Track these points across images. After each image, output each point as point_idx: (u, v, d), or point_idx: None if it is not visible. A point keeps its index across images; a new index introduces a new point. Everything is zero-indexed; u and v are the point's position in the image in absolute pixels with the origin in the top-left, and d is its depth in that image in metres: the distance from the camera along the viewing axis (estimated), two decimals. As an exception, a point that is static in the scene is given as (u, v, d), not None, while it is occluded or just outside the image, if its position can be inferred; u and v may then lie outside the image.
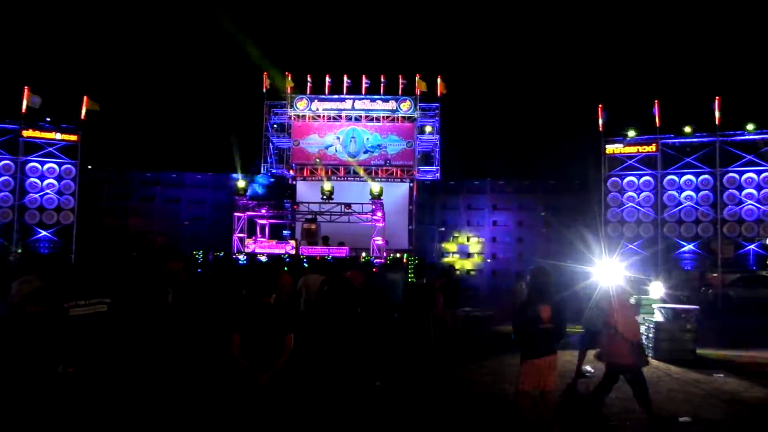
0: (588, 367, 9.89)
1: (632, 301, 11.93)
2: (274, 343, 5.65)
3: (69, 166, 26.18)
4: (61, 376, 4.48)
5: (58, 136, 26.16)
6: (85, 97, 26.50)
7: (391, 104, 32.47)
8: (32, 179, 25.64)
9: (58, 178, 25.99)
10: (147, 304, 7.50)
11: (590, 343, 10.21)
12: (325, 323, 8.91)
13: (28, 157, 25.71)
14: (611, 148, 27.04)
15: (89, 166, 28.63)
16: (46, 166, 25.91)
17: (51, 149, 26.05)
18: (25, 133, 25.60)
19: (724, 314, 20.84)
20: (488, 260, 33.21)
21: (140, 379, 7.34)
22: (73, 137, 26.36)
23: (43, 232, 25.64)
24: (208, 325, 7.64)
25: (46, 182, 25.82)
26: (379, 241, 22.82)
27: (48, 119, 25.98)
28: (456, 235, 33.54)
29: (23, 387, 4.53)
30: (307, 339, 7.93)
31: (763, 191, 24.71)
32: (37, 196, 25.64)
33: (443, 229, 33.64)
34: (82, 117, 26.45)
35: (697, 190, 25.69)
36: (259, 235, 24.10)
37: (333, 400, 7.95)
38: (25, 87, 25.44)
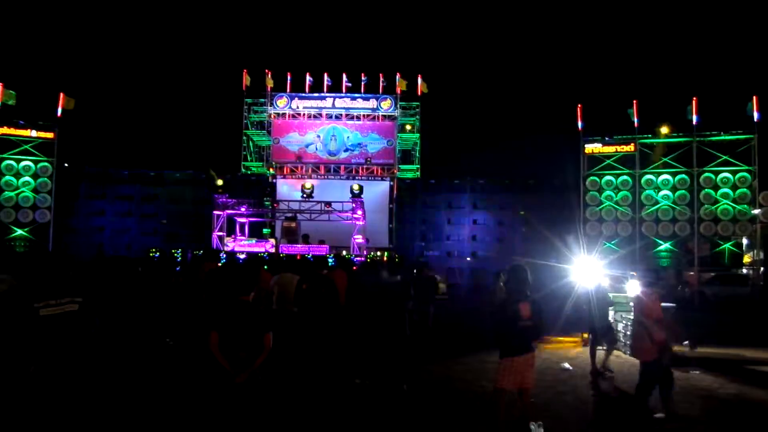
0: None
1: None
2: (252, 341, 5.62)
3: (45, 163, 25.82)
4: (33, 376, 4.41)
5: (34, 133, 25.78)
6: (61, 95, 26.16)
7: (372, 103, 32.46)
8: (8, 177, 25.25)
9: (34, 176, 25.63)
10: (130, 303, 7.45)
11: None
12: (305, 322, 8.87)
13: (4, 155, 25.30)
14: (590, 148, 27.24)
15: (66, 164, 28.27)
16: (21, 164, 25.53)
17: (27, 147, 25.67)
18: (0, 131, 25.20)
19: (700, 312, 21.10)
20: (468, 258, 33.33)
21: (115, 378, 7.27)
22: (50, 135, 26.00)
23: (19, 231, 25.26)
24: (187, 323, 7.60)
25: (21, 180, 25.44)
26: (359, 239, 22.82)
27: (21, 121, 25.57)
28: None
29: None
30: (285, 338, 7.88)
31: (738, 191, 25.03)
32: (12, 194, 25.26)
33: (423, 243, 33.75)
34: (59, 115, 26.10)
35: (674, 189, 25.97)
36: (238, 234, 23.98)
37: (313, 398, 7.93)
38: (0, 84, 25.06)
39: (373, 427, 7.20)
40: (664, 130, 26.33)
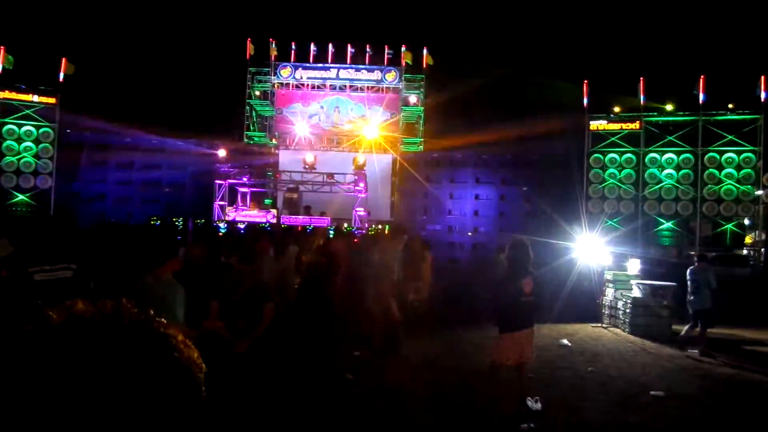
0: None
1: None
2: (252, 311, 5.62)
3: (47, 129, 25.68)
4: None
5: (36, 98, 25.61)
6: (63, 59, 25.94)
7: (376, 74, 32.18)
8: (9, 142, 25.13)
9: (36, 142, 25.50)
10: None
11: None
12: (305, 295, 8.86)
13: (5, 120, 25.16)
14: (595, 125, 27.04)
15: (68, 130, 28.12)
16: (23, 129, 25.38)
17: (28, 111, 25.52)
18: (1, 95, 25.03)
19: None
20: (469, 234, 33.32)
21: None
22: (51, 100, 25.82)
23: (20, 196, 25.22)
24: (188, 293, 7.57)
25: (23, 145, 25.32)
26: (361, 211, 22.78)
27: (23, 85, 25.41)
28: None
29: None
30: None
31: (742, 171, 24.90)
32: (13, 159, 25.16)
33: (425, 217, 33.67)
34: (61, 79, 25.91)
35: (678, 168, 25.82)
36: (240, 204, 23.93)
37: (313, 369, 7.95)
38: (1, 47, 24.83)
39: (370, 396, 7.22)
40: (670, 107, 26.12)
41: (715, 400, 7.78)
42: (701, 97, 25.34)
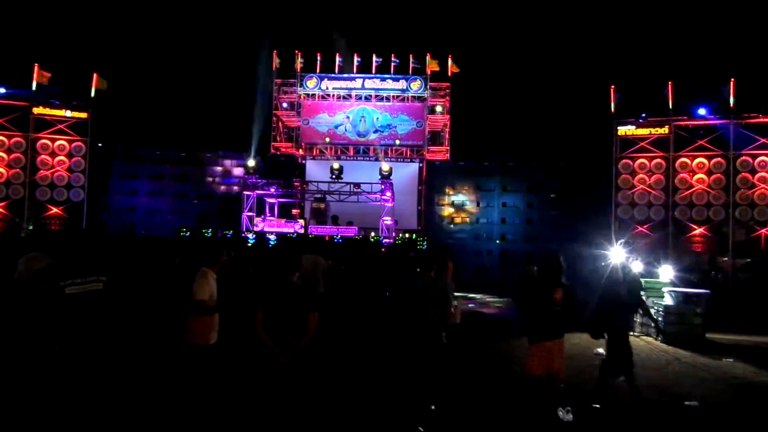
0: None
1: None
2: (297, 321, 5.64)
3: (79, 143, 26.22)
4: (58, 354, 4.47)
5: (69, 113, 26.16)
6: (94, 75, 26.50)
7: (402, 84, 32.27)
8: (43, 156, 25.71)
9: (69, 156, 26.04)
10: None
11: None
12: (340, 304, 8.91)
13: (39, 134, 25.75)
14: (623, 130, 26.76)
15: (99, 144, 28.63)
16: (56, 143, 25.95)
17: (61, 126, 26.08)
18: (36, 110, 25.62)
19: (734, 298, 20.73)
20: (497, 241, 33.13)
21: (137, 357, 7.36)
22: (84, 114, 26.36)
23: (54, 209, 25.74)
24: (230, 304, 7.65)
25: (56, 159, 25.89)
26: (388, 221, 22.79)
27: (58, 96, 25.97)
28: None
29: (27, 366, 4.55)
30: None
31: (776, 174, 24.44)
32: (48, 173, 25.72)
33: (452, 225, 33.53)
34: (93, 94, 26.45)
35: (709, 173, 25.42)
36: (268, 214, 24.11)
37: (346, 379, 7.97)
38: (35, 64, 25.45)
39: (402, 407, 7.21)
40: (701, 111, 25.74)
41: (750, 410, 7.63)
42: (732, 100, 24.96)
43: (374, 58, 32.20)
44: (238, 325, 6.90)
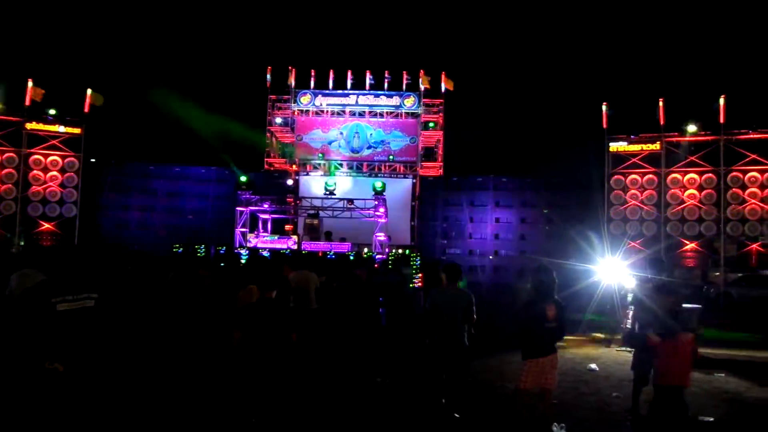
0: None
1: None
2: (276, 341, 5.61)
3: (72, 158, 26.19)
4: (49, 372, 4.45)
5: (62, 128, 26.16)
6: (88, 90, 26.53)
7: (395, 100, 32.44)
8: (36, 171, 25.66)
9: (62, 171, 26.01)
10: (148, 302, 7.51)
11: None
12: (332, 320, 8.91)
13: (32, 150, 25.71)
14: (615, 146, 26.96)
15: (92, 159, 28.59)
16: (49, 159, 25.92)
17: (54, 142, 26.06)
18: (29, 126, 25.61)
19: (726, 313, 20.79)
20: (490, 257, 33.17)
21: (136, 375, 7.33)
22: (77, 130, 26.36)
23: (46, 225, 25.66)
24: (209, 322, 7.64)
25: (49, 174, 25.84)
26: (381, 237, 22.80)
27: (51, 112, 25.94)
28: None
29: (16, 382, 4.53)
30: (304, 336, 7.91)
31: (766, 190, 24.63)
32: (40, 188, 25.66)
33: (446, 241, 33.60)
34: (86, 110, 26.46)
35: (700, 188, 25.61)
36: (261, 230, 24.08)
37: (334, 396, 7.95)
38: (29, 79, 25.45)
39: (393, 425, 7.20)
40: (692, 128, 25.95)
41: (743, 426, 7.65)
42: (722, 116, 25.19)
43: (368, 75, 32.37)
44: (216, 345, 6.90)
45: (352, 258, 18.84)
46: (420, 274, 17.37)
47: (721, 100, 25.15)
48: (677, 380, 6.22)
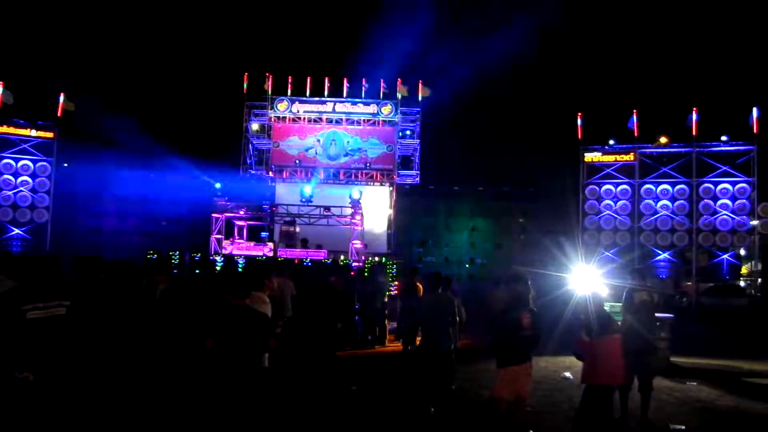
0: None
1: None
2: (251, 347, 5.53)
3: (44, 163, 25.76)
4: (19, 381, 4.35)
5: (33, 132, 25.73)
6: (61, 95, 26.15)
7: (372, 108, 32.43)
8: (5, 176, 25.18)
9: (33, 176, 25.56)
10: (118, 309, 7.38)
11: None
12: (305, 327, 8.87)
13: (2, 154, 25.25)
14: (589, 157, 27.25)
15: (65, 164, 28.21)
16: (20, 163, 25.46)
17: (25, 146, 25.62)
18: (0, 129, 25.17)
19: (698, 323, 21.09)
20: (466, 265, 33.29)
21: (105, 384, 7.21)
22: (49, 134, 25.95)
23: (16, 230, 25.19)
24: (182, 330, 7.53)
25: (20, 179, 25.37)
26: (357, 244, 22.74)
27: (21, 118, 25.55)
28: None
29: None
30: (281, 342, 7.86)
31: (737, 202, 25.04)
32: (10, 193, 25.18)
33: (422, 249, 33.72)
34: (59, 114, 26.07)
35: (673, 199, 25.97)
36: (236, 237, 23.88)
37: (310, 403, 7.90)
38: (0, 83, 25.04)
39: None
40: (664, 140, 26.34)
41: (715, 434, 7.74)
42: (694, 128, 25.59)
43: (345, 83, 32.35)
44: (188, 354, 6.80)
45: (329, 263, 18.81)
46: (396, 282, 17.40)
47: (694, 112, 25.55)
48: (605, 379, 6.33)
